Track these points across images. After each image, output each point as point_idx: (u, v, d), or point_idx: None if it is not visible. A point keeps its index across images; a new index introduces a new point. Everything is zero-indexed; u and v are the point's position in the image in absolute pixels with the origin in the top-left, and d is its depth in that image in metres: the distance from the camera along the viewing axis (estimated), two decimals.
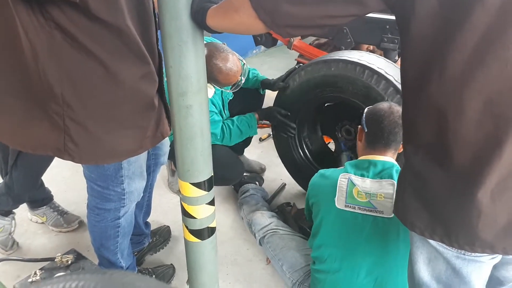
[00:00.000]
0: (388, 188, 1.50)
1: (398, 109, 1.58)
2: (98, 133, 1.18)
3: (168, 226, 2.15)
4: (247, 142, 2.54)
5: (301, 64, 2.20)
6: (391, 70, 1.80)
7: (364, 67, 1.77)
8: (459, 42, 0.74)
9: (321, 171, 1.70)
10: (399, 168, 1.57)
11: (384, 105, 1.59)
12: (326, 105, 2.26)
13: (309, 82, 1.96)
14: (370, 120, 1.58)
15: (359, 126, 1.64)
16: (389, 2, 0.80)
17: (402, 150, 1.62)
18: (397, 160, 1.80)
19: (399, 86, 1.70)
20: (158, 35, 1.24)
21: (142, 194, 1.56)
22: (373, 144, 1.57)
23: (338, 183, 1.55)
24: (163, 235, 2.09)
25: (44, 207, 2.15)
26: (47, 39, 1.02)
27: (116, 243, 1.59)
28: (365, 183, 1.53)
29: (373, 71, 1.75)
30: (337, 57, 1.90)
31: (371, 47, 2.80)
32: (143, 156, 1.46)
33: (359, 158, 1.61)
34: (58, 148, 1.17)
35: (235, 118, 2.17)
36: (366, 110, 1.63)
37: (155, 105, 1.26)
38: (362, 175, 1.55)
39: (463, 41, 0.74)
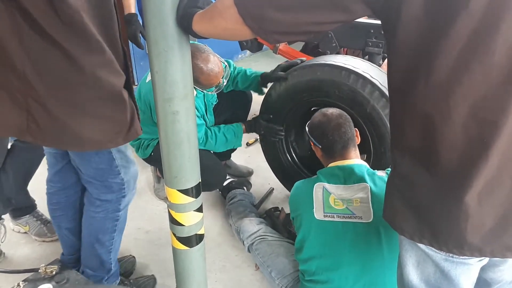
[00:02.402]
0: (362, 192, 1.51)
1: (331, 111, 1.67)
2: (61, 116, 1.16)
3: (133, 257, 2.01)
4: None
5: (304, 59, 2.14)
6: (376, 74, 1.81)
7: (349, 72, 1.78)
8: (444, 48, 0.75)
9: (297, 183, 1.72)
10: (370, 169, 1.59)
11: (318, 117, 1.68)
12: (312, 109, 2.27)
13: (295, 86, 1.96)
14: (317, 136, 1.65)
15: (312, 145, 1.71)
16: (375, 9, 0.80)
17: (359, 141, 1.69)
18: (381, 162, 1.82)
19: (384, 90, 1.72)
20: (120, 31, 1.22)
21: (137, 180, 1.59)
22: (333, 153, 1.62)
23: (313, 193, 1.56)
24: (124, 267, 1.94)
25: (27, 216, 2.10)
26: (9, 18, 1.02)
27: (112, 239, 1.60)
28: (340, 190, 1.54)
29: (359, 75, 1.76)
30: (322, 62, 1.90)
31: None
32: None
33: (328, 166, 1.64)
34: (20, 128, 1.16)
35: (221, 125, 2.16)
36: (307, 129, 1.71)
37: (124, 98, 1.23)
38: (336, 182, 1.56)
39: (448, 47, 0.74)
